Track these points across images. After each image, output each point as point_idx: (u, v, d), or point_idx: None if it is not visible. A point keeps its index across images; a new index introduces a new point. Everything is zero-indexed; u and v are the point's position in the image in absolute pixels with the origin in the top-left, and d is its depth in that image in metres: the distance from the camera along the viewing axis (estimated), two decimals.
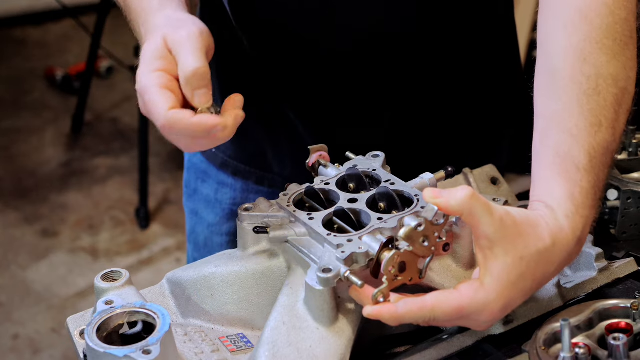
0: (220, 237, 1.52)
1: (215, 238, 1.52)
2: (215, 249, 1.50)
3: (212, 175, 1.51)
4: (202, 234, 1.55)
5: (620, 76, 1.05)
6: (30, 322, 3.05)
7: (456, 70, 1.38)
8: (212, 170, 1.51)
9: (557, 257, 0.98)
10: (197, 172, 1.54)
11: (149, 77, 1.02)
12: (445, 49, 1.35)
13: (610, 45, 1.05)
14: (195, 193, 1.55)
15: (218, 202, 1.51)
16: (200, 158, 1.53)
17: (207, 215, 1.53)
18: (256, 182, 1.48)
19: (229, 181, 1.49)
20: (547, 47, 1.08)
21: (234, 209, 1.49)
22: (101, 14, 3.74)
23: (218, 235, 1.52)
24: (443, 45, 1.35)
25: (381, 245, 0.98)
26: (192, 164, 1.56)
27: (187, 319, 1.11)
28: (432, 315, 0.94)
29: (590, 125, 1.02)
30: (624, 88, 1.05)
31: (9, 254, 3.38)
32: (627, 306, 1.00)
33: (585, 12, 1.06)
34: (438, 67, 1.36)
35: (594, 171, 1.01)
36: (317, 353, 0.97)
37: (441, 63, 1.36)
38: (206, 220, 1.54)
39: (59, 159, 3.95)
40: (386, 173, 1.14)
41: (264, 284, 1.08)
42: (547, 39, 1.09)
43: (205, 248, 1.54)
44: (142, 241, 3.44)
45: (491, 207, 0.94)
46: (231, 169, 1.49)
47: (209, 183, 1.52)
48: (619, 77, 1.05)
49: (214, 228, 1.53)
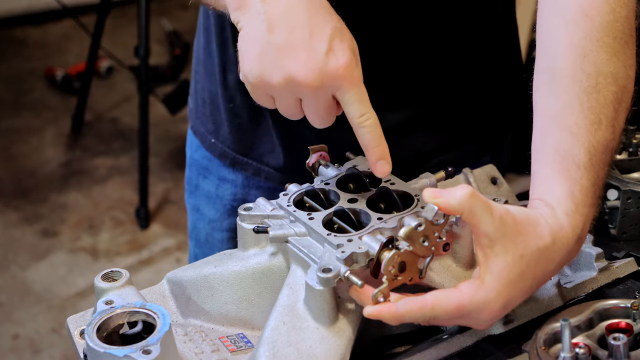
0: (221, 233, 1.52)
1: (216, 234, 1.53)
2: (216, 245, 1.52)
3: (213, 171, 1.52)
4: (203, 229, 1.56)
5: (620, 74, 1.05)
6: (30, 322, 3.05)
7: (457, 68, 1.38)
8: (213, 166, 1.51)
9: (557, 256, 0.98)
10: (198, 169, 1.55)
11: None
12: (445, 46, 1.35)
13: (610, 43, 1.05)
14: (197, 189, 1.56)
15: (219, 197, 1.52)
16: (202, 154, 1.54)
17: (208, 211, 1.54)
18: (253, 174, 1.47)
19: (230, 177, 1.50)
20: (547, 45, 1.08)
21: (235, 204, 1.49)
22: (101, 14, 3.74)
23: (219, 231, 1.52)
24: (444, 42, 1.35)
25: (381, 245, 0.98)
26: (194, 160, 1.56)
27: (187, 319, 1.11)
28: (433, 314, 0.94)
29: (590, 124, 1.02)
30: (623, 86, 1.05)
31: (9, 254, 3.38)
32: (627, 306, 1.00)
33: (586, 9, 1.06)
34: (439, 64, 1.36)
35: (594, 169, 1.01)
36: (317, 353, 0.97)
37: (443, 60, 1.36)
38: (207, 216, 1.54)
39: (59, 159, 3.95)
40: None
41: (264, 284, 1.08)
42: (547, 37, 1.09)
43: (206, 244, 1.54)
44: (142, 241, 3.44)
45: (491, 206, 0.94)
46: (229, 160, 1.49)
47: (210, 179, 1.52)
48: (619, 75, 1.05)
49: (214, 224, 1.53)
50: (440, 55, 1.36)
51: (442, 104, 1.40)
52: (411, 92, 1.37)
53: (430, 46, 1.34)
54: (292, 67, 0.99)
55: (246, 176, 1.48)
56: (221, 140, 1.49)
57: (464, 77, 1.40)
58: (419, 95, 1.37)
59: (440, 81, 1.38)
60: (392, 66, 1.33)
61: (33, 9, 4.97)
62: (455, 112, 1.42)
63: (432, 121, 1.40)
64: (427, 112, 1.39)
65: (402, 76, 1.35)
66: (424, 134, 1.41)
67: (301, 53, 0.99)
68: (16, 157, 3.95)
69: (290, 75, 0.99)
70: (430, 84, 1.37)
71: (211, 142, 1.51)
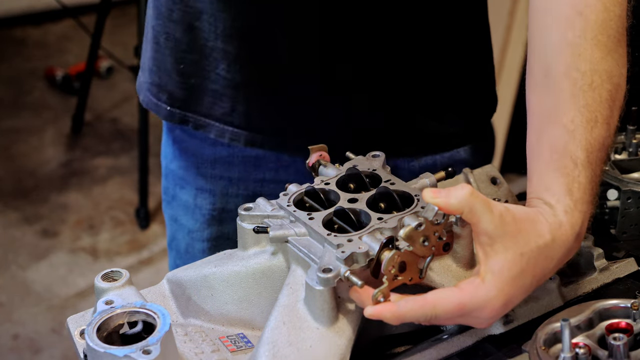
0: (202, 244, 1.49)
1: (196, 244, 1.49)
2: (197, 256, 1.47)
3: (189, 181, 1.48)
4: (183, 240, 1.52)
5: (614, 72, 1.05)
6: (30, 322, 3.05)
7: (427, 64, 1.37)
8: (190, 176, 1.47)
9: (556, 253, 0.98)
10: (175, 179, 1.51)
11: None
12: (416, 41, 1.34)
13: (604, 41, 1.05)
14: (174, 199, 1.52)
15: (197, 207, 1.48)
16: (178, 164, 1.49)
17: (186, 221, 1.50)
18: (216, 135, 1.41)
19: (208, 187, 1.46)
20: (540, 43, 1.08)
21: (214, 214, 1.46)
22: (101, 14, 3.73)
23: (199, 241, 1.49)
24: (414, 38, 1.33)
25: (381, 245, 0.98)
26: (170, 170, 1.52)
27: (187, 319, 1.11)
28: (434, 313, 0.95)
29: (586, 121, 1.02)
30: (617, 84, 1.05)
31: (9, 254, 3.38)
32: (627, 306, 1.00)
33: (580, 7, 1.06)
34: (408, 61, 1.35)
35: (591, 167, 1.01)
36: (317, 353, 0.97)
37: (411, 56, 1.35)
38: (186, 226, 1.50)
39: (59, 159, 3.95)
40: (386, 173, 1.14)
41: (264, 284, 1.08)
42: (540, 36, 1.09)
43: (187, 255, 1.51)
44: (142, 241, 3.44)
45: (491, 204, 0.94)
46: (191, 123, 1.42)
47: (187, 189, 1.48)
48: (613, 73, 1.05)
49: (194, 234, 1.50)
50: (409, 50, 1.34)
51: (415, 98, 1.38)
52: (390, 88, 1.36)
53: (402, 41, 1.33)
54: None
55: (224, 185, 1.45)
56: (177, 106, 1.42)
57: (435, 73, 1.38)
58: (394, 91, 1.36)
59: (410, 76, 1.36)
60: (367, 64, 1.33)
61: (33, 9, 4.96)
62: (429, 104, 1.40)
63: (408, 118, 1.39)
64: (402, 110, 1.38)
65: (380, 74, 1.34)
66: (400, 133, 1.40)
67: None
68: (16, 157, 3.95)
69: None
70: (402, 78, 1.36)
71: (154, 102, 1.44)
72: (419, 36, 1.34)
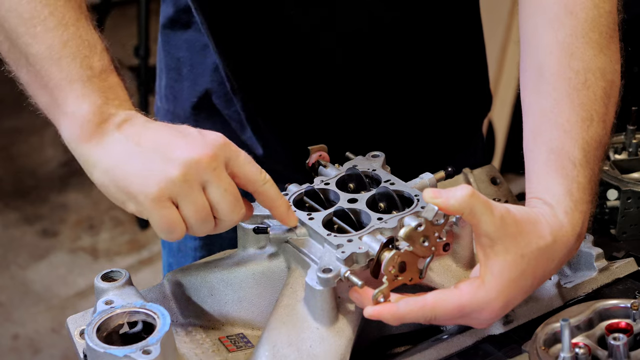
0: (193, 242, 1.48)
1: (188, 242, 1.48)
2: (189, 254, 1.47)
3: None
4: None
5: (607, 69, 1.05)
6: (30, 322, 3.05)
7: (430, 66, 1.37)
8: None
9: (557, 254, 0.98)
10: None
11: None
12: (422, 46, 1.34)
13: (596, 38, 1.05)
14: None
15: None
16: None
17: None
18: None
19: None
20: (532, 44, 1.08)
21: None
22: (101, 14, 3.73)
23: (191, 239, 1.47)
24: (421, 41, 1.33)
25: (381, 245, 0.98)
26: None
27: (187, 319, 1.11)
28: (433, 314, 0.95)
29: (582, 120, 1.02)
30: (611, 81, 1.06)
31: (9, 254, 3.38)
32: (627, 306, 1.00)
33: (570, 6, 1.06)
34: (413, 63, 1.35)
35: (589, 166, 1.01)
36: (317, 353, 0.97)
37: (418, 59, 1.35)
38: None
39: (59, 159, 3.95)
40: (386, 173, 1.14)
41: (264, 284, 1.08)
42: (532, 36, 1.09)
43: (179, 253, 1.50)
44: (142, 241, 3.44)
45: (491, 205, 0.94)
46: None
47: None
48: (606, 70, 1.05)
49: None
50: (417, 51, 1.34)
51: (416, 102, 1.38)
52: (382, 105, 1.36)
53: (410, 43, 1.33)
54: (182, 154, 0.94)
55: None
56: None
57: (430, 76, 1.38)
58: (388, 107, 1.36)
59: (405, 80, 1.36)
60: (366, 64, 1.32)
61: None
62: (423, 116, 1.40)
63: (401, 129, 1.39)
64: (396, 123, 1.38)
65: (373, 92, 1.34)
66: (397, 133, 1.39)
67: (180, 142, 0.95)
68: (16, 157, 3.95)
69: (185, 161, 0.93)
70: (396, 88, 1.36)
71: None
72: (413, 44, 1.34)
